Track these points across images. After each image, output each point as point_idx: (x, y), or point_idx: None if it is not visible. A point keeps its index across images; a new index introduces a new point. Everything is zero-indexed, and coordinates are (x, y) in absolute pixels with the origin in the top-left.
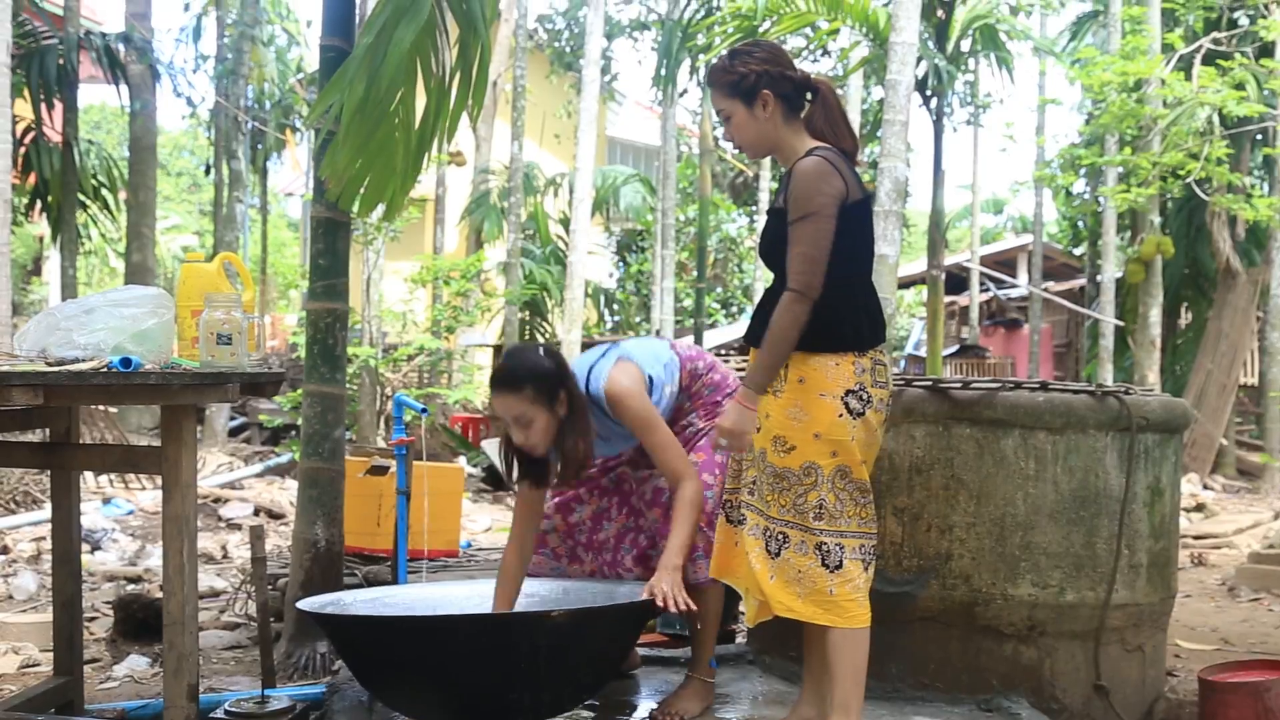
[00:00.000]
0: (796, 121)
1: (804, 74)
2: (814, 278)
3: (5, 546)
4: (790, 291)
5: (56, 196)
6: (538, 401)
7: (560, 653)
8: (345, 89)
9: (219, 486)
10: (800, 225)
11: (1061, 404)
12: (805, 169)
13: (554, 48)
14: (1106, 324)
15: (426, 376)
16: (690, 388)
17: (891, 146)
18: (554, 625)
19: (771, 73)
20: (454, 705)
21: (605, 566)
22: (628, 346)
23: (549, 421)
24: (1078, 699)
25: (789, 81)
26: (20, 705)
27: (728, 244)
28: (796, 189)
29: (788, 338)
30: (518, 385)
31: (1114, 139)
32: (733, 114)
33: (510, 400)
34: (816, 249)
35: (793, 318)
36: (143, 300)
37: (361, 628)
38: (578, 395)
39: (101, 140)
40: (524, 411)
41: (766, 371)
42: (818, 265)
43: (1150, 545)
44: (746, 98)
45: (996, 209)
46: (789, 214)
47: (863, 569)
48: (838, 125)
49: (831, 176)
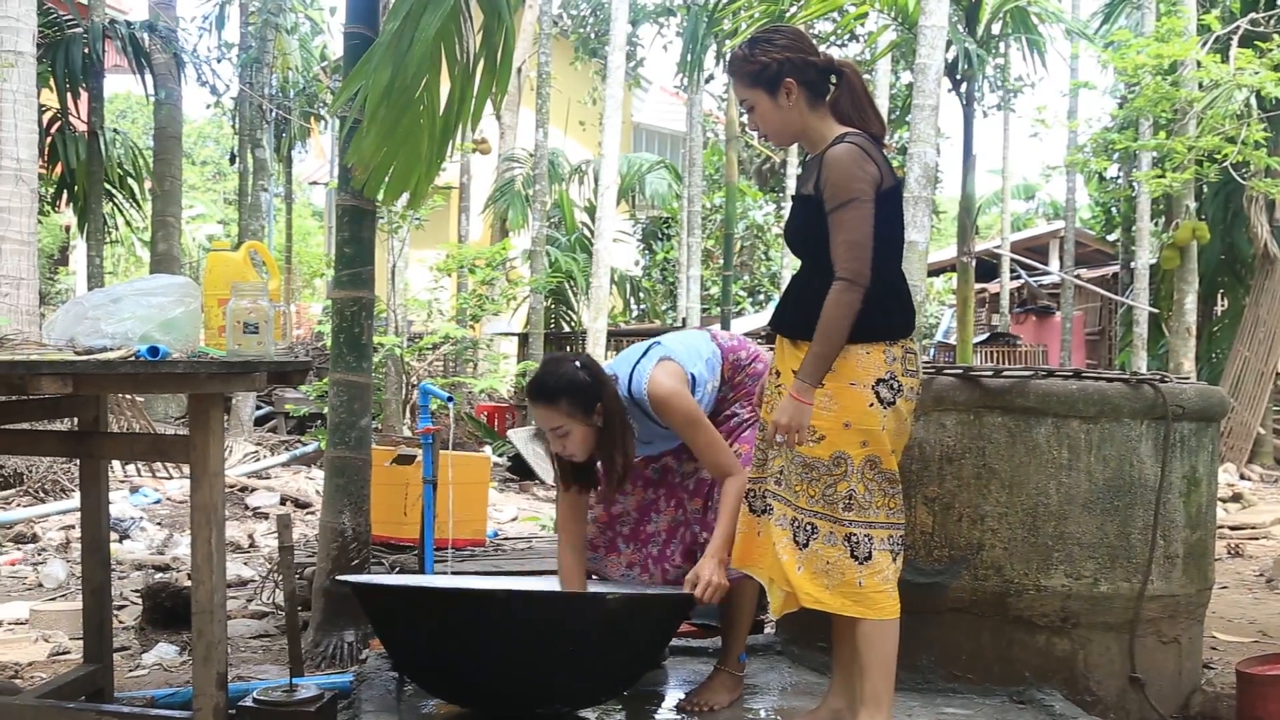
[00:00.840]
0: (822, 107)
1: (827, 58)
2: (862, 264)
3: (35, 535)
4: (840, 280)
5: (83, 186)
6: (573, 414)
7: (608, 638)
8: (370, 76)
9: (245, 475)
10: (840, 213)
11: (1095, 392)
12: (838, 156)
13: (579, 34)
14: (1141, 311)
15: (452, 365)
16: (733, 379)
17: (921, 132)
18: (608, 608)
19: (794, 59)
20: (492, 688)
21: (650, 560)
22: (669, 343)
23: (586, 433)
24: (1112, 691)
25: (812, 67)
26: (51, 692)
27: (754, 231)
28: (831, 176)
29: (841, 327)
30: (553, 398)
31: (1148, 123)
32: (756, 104)
33: (546, 412)
34: (860, 234)
35: (845, 306)
36: (170, 289)
37: (407, 598)
38: (615, 407)
39: (127, 129)
40: (560, 424)
41: (820, 362)
42: (864, 250)
43: (1186, 536)
44: (769, 87)
45: (1028, 195)
46: (826, 203)
47: (891, 560)
48: (864, 109)
49: (865, 162)
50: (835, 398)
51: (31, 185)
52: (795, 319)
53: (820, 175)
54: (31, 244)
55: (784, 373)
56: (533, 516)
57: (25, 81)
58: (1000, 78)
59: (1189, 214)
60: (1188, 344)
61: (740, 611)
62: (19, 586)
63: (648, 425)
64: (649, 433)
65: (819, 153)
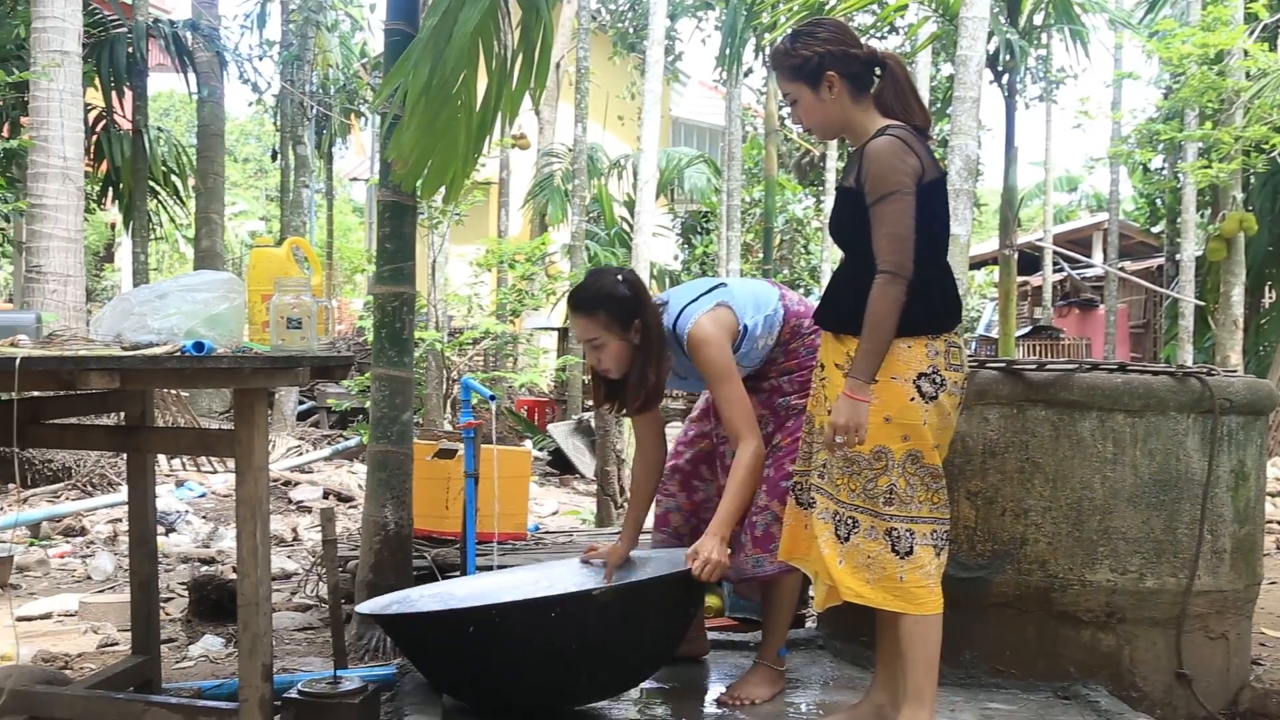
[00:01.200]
0: (865, 99)
1: (869, 50)
2: (904, 257)
3: (83, 528)
4: (883, 274)
5: (127, 183)
6: (610, 327)
7: (610, 630)
8: (409, 73)
9: (288, 470)
10: (882, 206)
11: (1141, 385)
12: (879, 148)
13: (617, 28)
14: (1186, 304)
15: (492, 360)
16: (789, 344)
17: (962, 124)
18: (600, 603)
19: (835, 52)
20: (513, 694)
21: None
22: (734, 288)
23: (621, 348)
24: (1159, 687)
25: (854, 60)
26: (101, 683)
27: (794, 225)
28: (872, 169)
29: (887, 321)
30: (591, 309)
31: (1194, 113)
32: (799, 97)
33: (583, 322)
34: (902, 227)
35: (890, 300)
36: (214, 285)
37: (403, 626)
38: (655, 326)
39: (170, 127)
40: (596, 335)
41: (871, 358)
42: (906, 243)
43: (1234, 530)
44: (812, 80)
45: (1070, 187)
46: (867, 196)
47: (934, 555)
48: (908, 101)
49: (906, 154)
50: (876, 392)
51: (78, 183)
52: (838, 312)
53: (861, 168)
54: (78, 241)
55: (827, 366)
56: (573, 510)
57: (71, 81)
58: (1043, 69)
59: (1236, 205)
60: (1234, 337)
61: (780, 605)
62: (68, 579)
63: (684, 361)
64: (686, 368)
65: (861, 145)
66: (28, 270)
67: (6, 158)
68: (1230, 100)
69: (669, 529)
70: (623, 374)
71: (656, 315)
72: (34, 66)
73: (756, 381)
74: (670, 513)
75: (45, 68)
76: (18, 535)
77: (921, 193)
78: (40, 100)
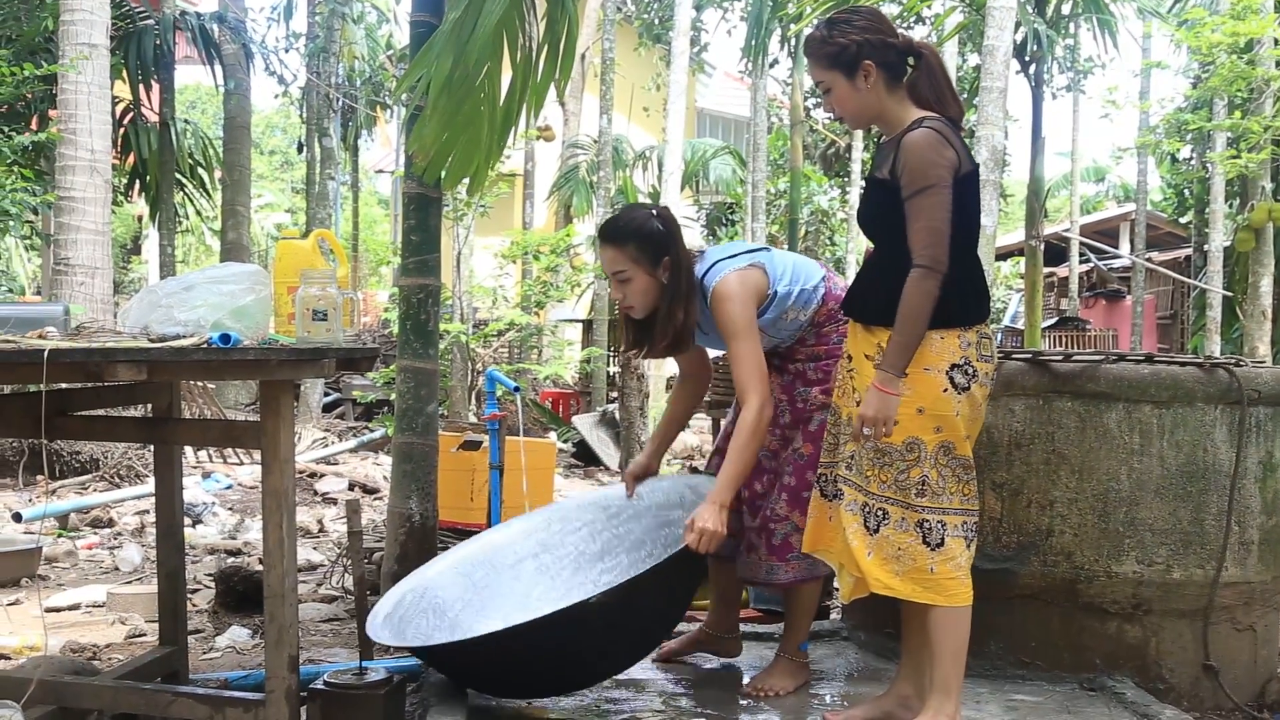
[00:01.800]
0: (900, 89)
1: (906, 39)
2: (940, 251)
3: (111, 520)
4: (918, 267)
5: (154, 176)
6: (639, 261)
7: (618, 621)
8: (433, 63)
9: (314, 462)
10: (919, 199)
11: (1168, 376)
12: (916, 141)
13: (642, 19)
14: (1214, 294)
15: (517, 352)
16: (823, 326)
17: (989, 114)
18: (599, 607)
19: (873, 41)
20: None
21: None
22: (777, 255)
23: (648, 284)
24: (1186, 679)
25: (891, 49)
26: (129, 674)
27: (819, 216)
28: (910, 162)
29: (921, 314)
30: (621, 240)
31: (1223, 102)
32: (833, 86)
33: (611, 253)
34: (939, 221)
35: (924, 294)
36: (241, 277)
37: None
38: (686, 266)
39: (197, 120)
40: (624, 268)
41: (903, 351)
42: (942, 237)
43: (1262, 522)
44: (847, 69)
45: (1098, 177)
46: (903, 189)
47: (964, 546)
48: (942, 92)
49: (944, 147)
50: (909, 383)
51: (105, 176)
52: (867, 303)
53: (897, 160)
54: (106, 234)
55: (855, 357)
56: None
57: (99, 74)
58: (1070, 59)
59: (1265, 195)
60: (1263, 327)
61: (803, 605)
62: (96, 570)
63: (709, 314)
64: (709, 323)
65: (895, 136)
66: (55, 263)
67: (35, 151)
68: (1260, 89)
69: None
70: (647, 312)
71: (689, 257)
72: (62, 59)
73: (783, 362)
74: None
75: (73, 61)
76: (46, 527)
77: (956, 185)
78: (68, 93)
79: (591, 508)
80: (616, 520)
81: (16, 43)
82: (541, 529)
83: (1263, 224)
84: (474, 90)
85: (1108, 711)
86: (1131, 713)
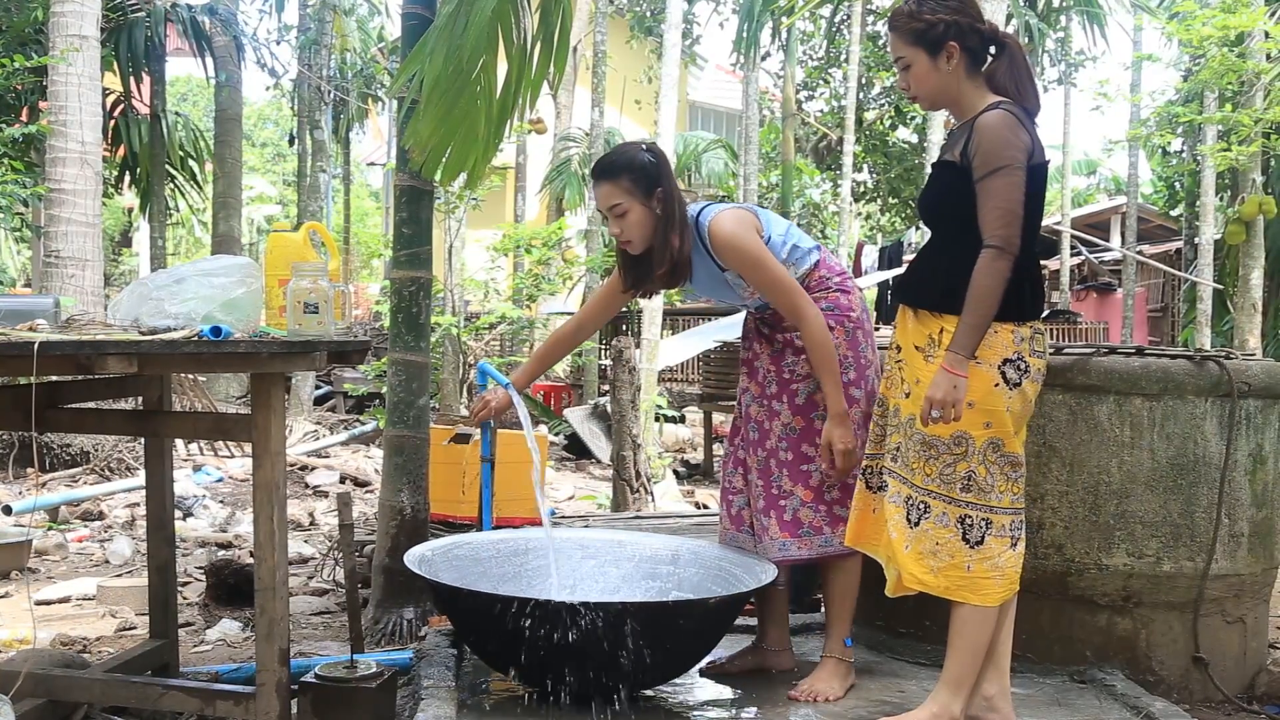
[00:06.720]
0: (978, 76)
1: (992, 26)
2: (1013, 231)
3: (101, 513)
4: (989, 249)
5: (145, 168)
6: (633, 193)
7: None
8: (427, 59)
9: (306, 454)
10: (992, 180)
11: (1158, 369)
12: (992, 122)
13: (634, 12)
14: (1205, 287)
15: (508, 345)
16: (813, 292)
17: None
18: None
19: (961, 23)
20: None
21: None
22: (764, 210)
23: (644, 215)
24: (1175, 671)
25: (977, 34)
26: (119, 667)
27: (812, 209)
28: (984, 142)
29: (993, 295)
30: (614, 174)
31: (1213, 95)
32: (914, 63)
33: (606, 189)
34: (1012, 202)
35: (996, 274)
36: (231, 270)
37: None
38: (677, 197)
39: (188, 112)
40: (619, 201)
41: (973, 333)
42: (1015, 218)
43: (1252, 514)
44: (932, 47)
45: (1089, 170)
46: (975, 170)
47: (1009, 546)
48: (1023, 83)
49: (1019, 129)
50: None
51: (96, 168)
52: (922, 288)
53: (969, 142)
54: (96, 226)
55: (904, 347)
56: (589, 495)
57: (90, 65)
58: (1061, 51)
59: (1255, 188)
60: (1253, 320)
61: (842, 593)
62: (86, 563)
63: (703, 259)
64: (704, 271)
65: (968, 120)
66: (46, 255)
67: (25, 143)
68: (1250, 82)
69: (746, 525)
70: (645, 247)
71: (679, 189)
72: (53, 51)
73: (771, 331)
74: (744, 510)
75: (64, 52)
76: (36, 520)
77: (1028, 173)
78: (59, 85)
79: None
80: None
81: (6, 34)
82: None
83: (1253, 217)
84: (469, 84)
85: (1098, 703)
86: (1122, 704)
